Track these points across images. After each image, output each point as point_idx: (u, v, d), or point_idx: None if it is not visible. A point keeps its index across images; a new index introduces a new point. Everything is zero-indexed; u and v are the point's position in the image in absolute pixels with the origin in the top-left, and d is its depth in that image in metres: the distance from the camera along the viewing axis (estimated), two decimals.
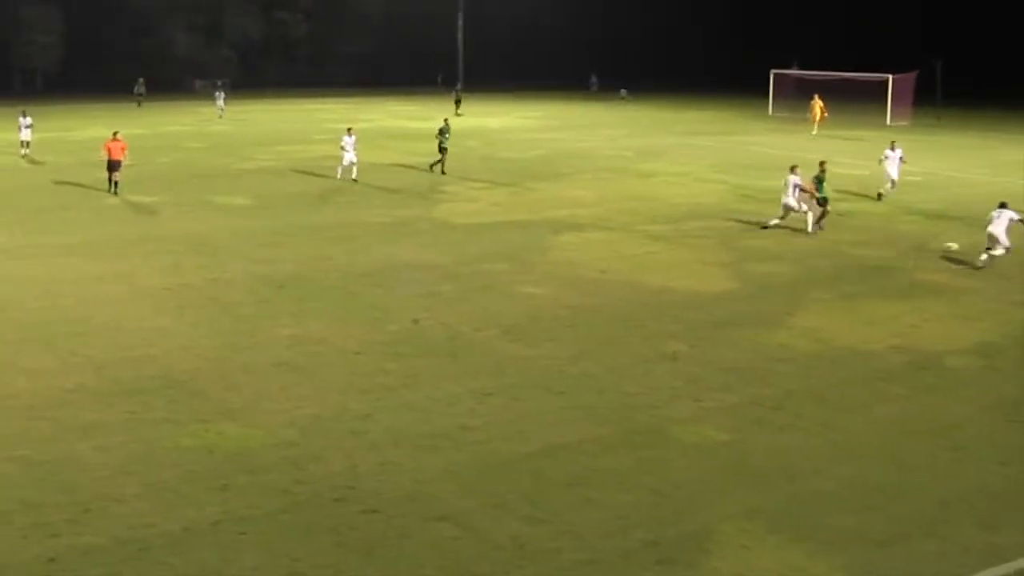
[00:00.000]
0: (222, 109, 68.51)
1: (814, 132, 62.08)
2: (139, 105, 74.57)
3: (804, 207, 31.28)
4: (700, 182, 41.61)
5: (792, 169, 31.74)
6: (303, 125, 63.68)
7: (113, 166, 36.10)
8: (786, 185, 31.52)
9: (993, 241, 27.19)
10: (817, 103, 64.66)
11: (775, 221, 31.68)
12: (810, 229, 31.20)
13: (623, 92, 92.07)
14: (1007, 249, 27.07)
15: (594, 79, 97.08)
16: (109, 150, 36.21)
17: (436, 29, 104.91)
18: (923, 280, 25.78)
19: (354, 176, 39.56)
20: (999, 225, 27.25)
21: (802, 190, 31.30)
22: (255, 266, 25.52)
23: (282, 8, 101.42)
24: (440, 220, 32.23)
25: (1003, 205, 27.83)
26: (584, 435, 15.33)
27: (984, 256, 27.16)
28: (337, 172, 40.11)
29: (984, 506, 13.49)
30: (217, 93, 70.84)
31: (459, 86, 73.38)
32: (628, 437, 15.34)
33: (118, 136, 36.83)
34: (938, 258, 28.32)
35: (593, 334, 20.46)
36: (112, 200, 34.87)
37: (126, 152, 36.61)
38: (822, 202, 31.69)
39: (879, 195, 37.44)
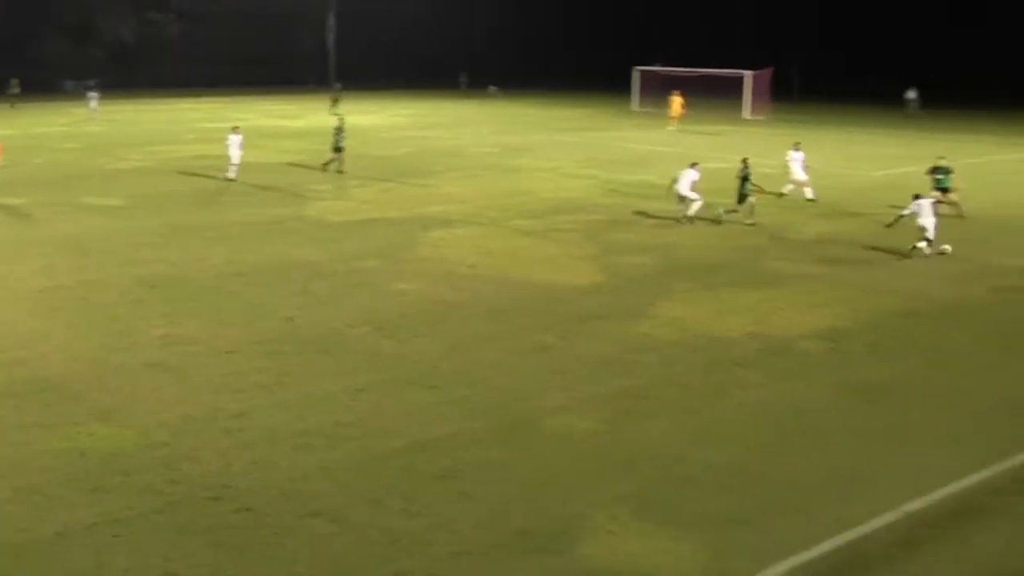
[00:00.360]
0: (94, 110, 66.96)
1: (671, 128, 62.86)
2: (12, 106, 72.59)
3: (694, 195, 31.86)
4: (567, 177, 41.93)
5: (692, 165, 32.79)
6: (176, 125, 62.60)
7: None
8: (680, 179, 32.43)
9: (923, 231, 27.92)
10: (676, 99, 65.55)
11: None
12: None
13: (492, 88, 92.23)
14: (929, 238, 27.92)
15: (464, 77, 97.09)
16: None
17: (309, 28, 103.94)
18: (777, 269, 26.34)
19: (231, 176, 39.04)
20: (927, 216, 27.95)
21: (754, 185, 32.29)
22: (129, 267, 25.06)
23: (154, 8, 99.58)
24: (313, 218, 31.99)
25: (917, 196, 28.52)
26: (456, 429, 15.38)
27: (922, 244, 27.83)
28: (229, 172, 39.23)
29: (834, 483, 13.89)
30: (90, 94, 69.08)
31: (339, 85, 72.14)
32: (500, 429, 15.43)
33: None
34: (792, 248, 28.97)
35: (464, 329, 20.51)
36: None
37: (0, 153, 35.60)
38: (743, 199, 32.13)
39: (780, 194, 36.92)
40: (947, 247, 28.25)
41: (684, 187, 32.29)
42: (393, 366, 18.15)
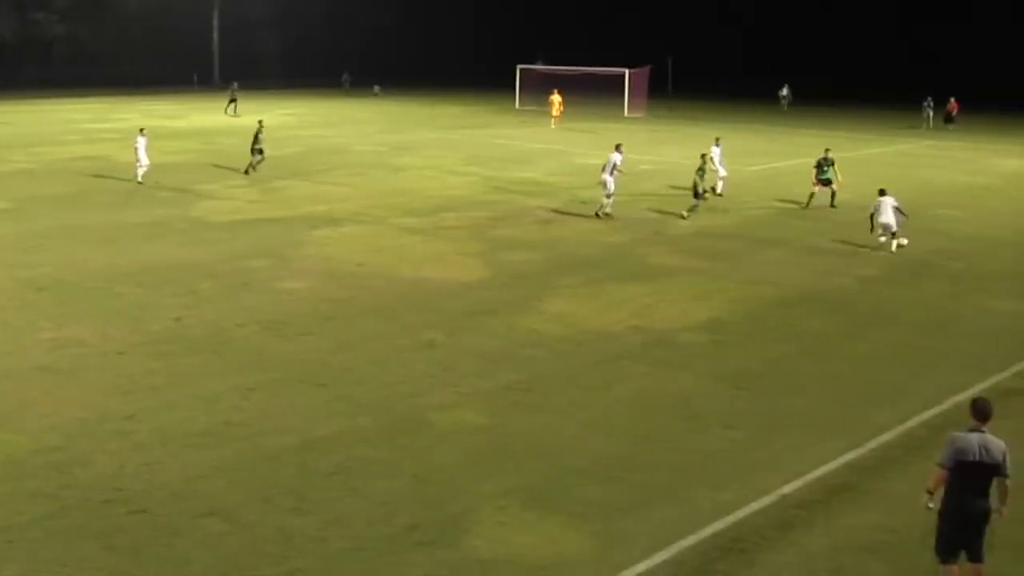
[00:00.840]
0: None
1: (552, 126, 63.36)
2: None
3: (612, 189, 32.11)
4: (452, 175, 42.01)
5: (616, 148, 33.10)
6: (60, 126, 61.20)
7: None
8: (607, 165, 32.52)
9: (887, 229, 28.54)
10: (555, 97, 66.02)
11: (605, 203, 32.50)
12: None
13: (376, 88, 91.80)
14: (894, 232, 28.63)
15: (347, 76, 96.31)
16: None
17: (192, 27, 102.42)
18: (659, 264, 26.74)
19: (139, 179, 38.13)
20: (887, 214, 28.50)
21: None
22: (14, 270, 24.51)
23: (37, 8, 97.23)
24: (199, 219, 31.61)
25: (883, 192, 29.04)
26: (346, 426, 15.37)
27: (885, 239, 28.66)
28: (138, 175, 38.17)
29: (713, 469, 14.20)
30: None
31: (235, 85, 70.50)
32: (389, 426, 15.46)
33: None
34: (673, 242, 29.43)
35: (353, 326, 20.48)
36: None
37: None
38: (698, 194, 32.57)
39: (714, 191, 37.03)
40: (904, 240, 28.90)
41: (606, 172, 32.46)
42: (282, 365, 18.06)
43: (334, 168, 43.44)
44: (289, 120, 66.53)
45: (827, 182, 35.58)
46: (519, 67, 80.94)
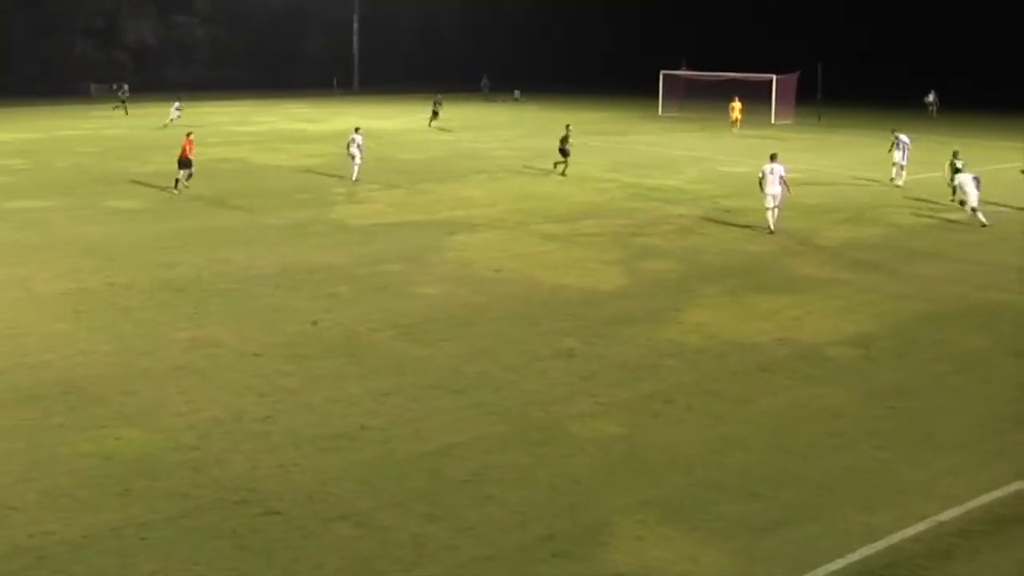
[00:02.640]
0: (175, 119, 64.35)
1: (734, 130, 63.44)
2: (123, 105, 71.78)
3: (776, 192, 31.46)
4: (593, 181, 41.91)
5: (772, 157, 31.95)
6: (200, 129, 62.62)
7: (183, 163, 37.35)
8: (766, 176, 31.52)
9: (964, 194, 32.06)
10: (736, 104, 65.65)
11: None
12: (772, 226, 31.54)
13: (517, 93, 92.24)
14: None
15: (486, 81, 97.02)
16: (183, 147, 37.58)
17: (332, 31, 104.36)
18: (804, 274, 26.28)
19: (355, 177, 39.77)
20: (773, 184, 31.02)
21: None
22: (153, 270, 25.20)
23: (178, 12, 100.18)
24: (337, 222, 32.09)
25: (957, 170, 32.85)
26: (481, 433, 15.40)
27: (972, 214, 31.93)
28: (354, 173, 39.97)
29: (861, 490, 13.83)
30: (176, 104, 64.61)
31: (439, 97, 69.44)
32: (525, 434, 15.44)
33: (191, 136, 38.66)
34: (818, 253, 28.90)
35: (489, 333, 20.54)
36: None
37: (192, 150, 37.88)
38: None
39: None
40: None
41: (772, 185, 31.52)
42: (418, 370, 18.19)
43: (473, 173, 43.73)
44: (425, 124, 67.17)
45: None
46: (662, 72, 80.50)
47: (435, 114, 66.79)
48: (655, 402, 16.88)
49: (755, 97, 71.61)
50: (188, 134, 39.29)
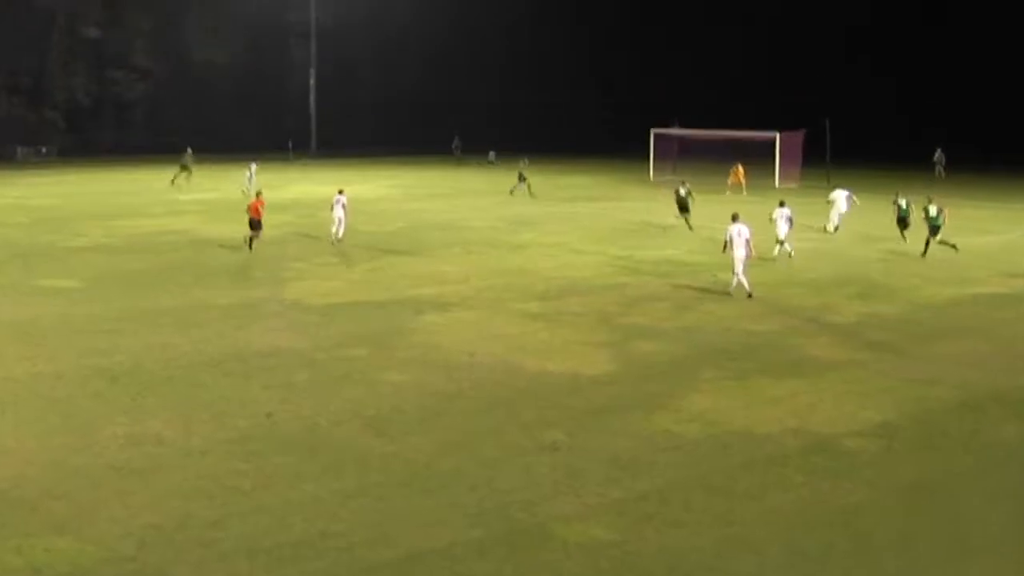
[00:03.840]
0: (251, 183, 63.63)
1: (733, 193, 64.23)
2: (186, 171, 71.51)
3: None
4: (577, 254, 42.07)
5: (735, 218, 34.03)
6: (141, 197, 62.99)
7: (253, 224, 41.11)
8: (732, 238, 33.46)
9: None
10: (739, 168, 66.33)
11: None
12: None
13: (492, 156, 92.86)
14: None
15: (457, 142, 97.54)
16: (251, 208, 41.51)
17: (286, 90, 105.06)
18: (816, 356, 26.34)
19: (339, 236, 43.14)
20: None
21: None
22: (87, 357, 25.06)
23: (114, 66, 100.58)
24: (293, 301, 32.08)
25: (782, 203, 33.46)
26: (456, 538, 15.29)
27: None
28: (335, 234, 43.11)
29: None
30: (252, 166, 66.50)
31: (525, 160, 68.55)
32: (505, 538, 15.33)
33: (260, 197, 42.52)
34: (830, 331, 29.00)
35: (464, 424, 20.47)
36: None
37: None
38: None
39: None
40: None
41: (739, 247, 33.25)
42: (384, 467, 18.09)
43: (444, 245, 43.87)
44: (393, 192, 67.55)
45: (936, 228, 40.99)
46: (653, 131, 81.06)
47: (522, 178, 66.72)
48: (650, 502, 16.80)
49: (756, 157, 72.17)
50: (257, 194, 43.39)
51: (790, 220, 39.20)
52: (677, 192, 49.43)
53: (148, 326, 28.35)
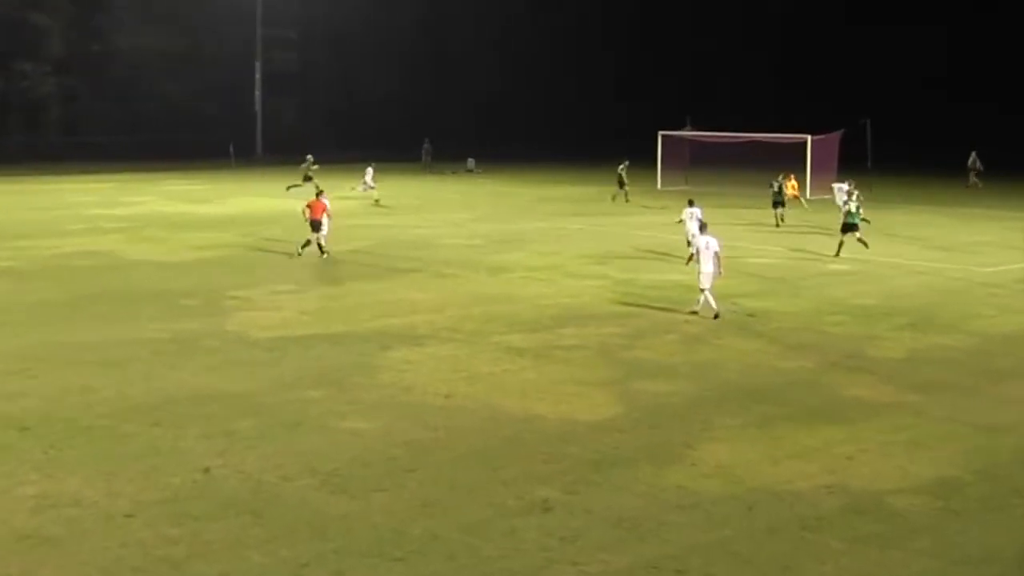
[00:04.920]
0: (369, 185, 70.11)
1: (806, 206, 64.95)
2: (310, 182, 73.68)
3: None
4: (571, 277, 42.00)
5: (703, 228, 35.85)
6: (55, 212, 62.80)
7: (315, 226, 45.23)
8: (700, 251, 34.79)
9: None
10: (793, 183, 66.23)
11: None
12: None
13: (471, 163, 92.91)
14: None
15: (428, 146, 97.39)
16: (312, 209, 45.72)
17: (228, 84, 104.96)
18: (857, 397, 26.26)
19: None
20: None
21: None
22: None
23: (22, 58, 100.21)
24: (235, 334, 31.92)
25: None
26: None
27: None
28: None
29: None
30: (368, 170, 71.50)
31: (626, 163, 70.90)
32: None
33: (323, 196, 46.58)
34: (873, 368, 28.95)
35: (439, 480, 20.36)
36: None
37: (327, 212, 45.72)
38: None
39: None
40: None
41: (707, 262, 34.46)
42: (345, 531, 17.98)
43: (415, 268, 43.77)
44: (353, 205, 67.43)
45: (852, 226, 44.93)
46: (661, 134, 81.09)
47: (621, 183, 68.86)
48: (661, 571, 16.72)
49: (783, 165, 72.17)
50: (319, 193, 47.51)
51: (701, 222, 39.42)
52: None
53: (63, 366, 28.19)
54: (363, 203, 68.21)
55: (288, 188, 70.80)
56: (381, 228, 56.01)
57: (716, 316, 33.84)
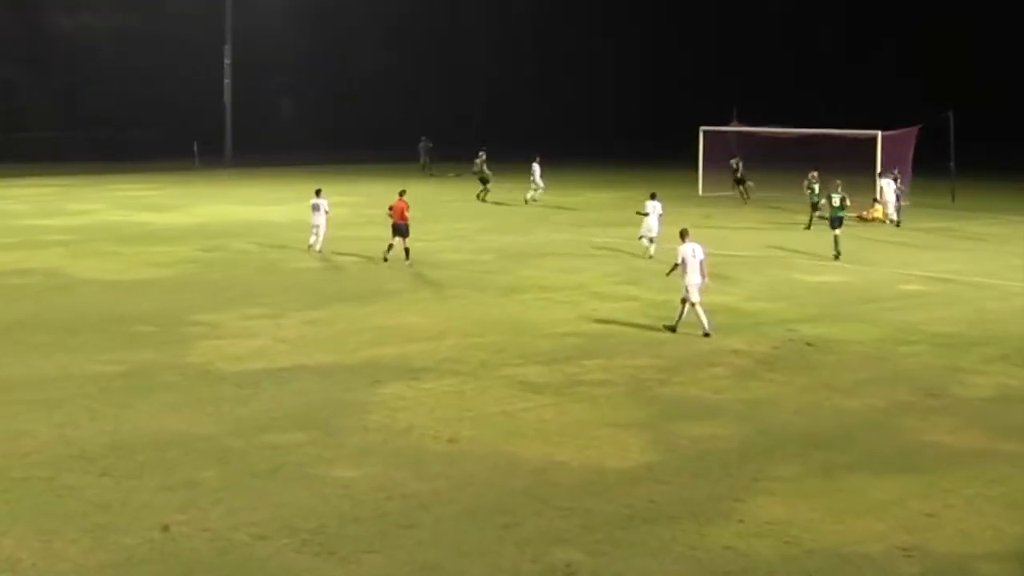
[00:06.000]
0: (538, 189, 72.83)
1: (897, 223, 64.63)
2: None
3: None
4: (598, 299, 41.97)
5: (683, 234, 36.93)
6: None
7: (400, 230, 48.70)
8: (686, 260, 35.93)
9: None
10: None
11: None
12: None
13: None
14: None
15: (425, 142, 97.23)
16: (394, 211, 49.01)
17: (193, 75, 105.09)
18: (937, 443, 26.17)
19: (318, 248, 50.51)
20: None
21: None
22: None
23: None
24: (199, 367, 31.89)
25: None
26: None
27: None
28: (313, 244, 49.52)
29: None
30: (534, 167, 74.35)
31: (737, 160, 72.67)
32: None
33: (404, 196, 49.55)
34: (961, 407, 28.84)
35: (441, 540, 20.34)
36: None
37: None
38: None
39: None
40: None
41: (694, 272, 35.87)
42: None
43: (411, 288, 43.85)
44: (339, 212, 67.34)
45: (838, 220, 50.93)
46: (703, 129, 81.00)
47: (741, 180, 72.18)
48: None
49: (842, 166, 72.09)
50: (401, 193, 49.93)
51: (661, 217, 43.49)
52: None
53: None
54: (354, 210, 68.25)
55: (479, 197, 76.13)
56: (373, 240, 55.86)
57: (707, 334, 35.14)
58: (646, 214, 51.98)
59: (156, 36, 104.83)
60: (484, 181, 77.44)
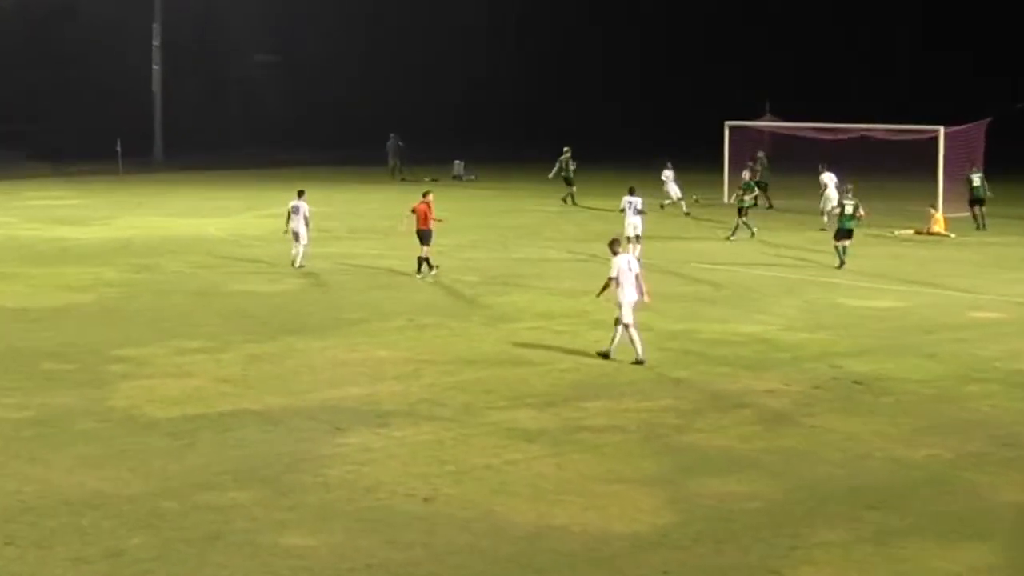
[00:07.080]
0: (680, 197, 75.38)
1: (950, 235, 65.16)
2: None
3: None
4: (603, 328, 41.84)
5: (613, 244, 38.25)
6: None
7: (423, 236, 50.98)
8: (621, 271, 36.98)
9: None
10: (937, 215, 66.27)
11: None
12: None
13: (457, 166, 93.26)
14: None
15: (394, 142, 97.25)
16: (417, 215, 51.77)
17: (115, 65, 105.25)
18: (1015, 503, 26.14)
19: (299, 263, 52.49)
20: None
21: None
22: None
23: None
24: (125, 413, 31.82)
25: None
26: None
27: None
28: (297, 258, 50.82)
29: None
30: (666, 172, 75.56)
31: (762, 155, 74.39)
32: None
33: (428, 196, 52.41)
34: None
35: None
36: None
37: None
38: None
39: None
40: None
41: (629, 288, 36.66)
42: None
43: (379, 315, 43.84)
44: (283, 224, 67.46)
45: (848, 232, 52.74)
46: (728, 124, 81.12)
47: (762, 186, 72.77)
48: None
49: (896, 170, 72.25)
50: (425, 194, 53.10)
51: (641, 212, 46.68)
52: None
53: None
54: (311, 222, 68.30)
55: (564, 201, 79.37)
56: (331, 258, 56.06)
57: (640, 361, 36.08)
58: (622, 210, 55.45)
59: (68, 12, 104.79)
60: (568, 183, 79.67)
